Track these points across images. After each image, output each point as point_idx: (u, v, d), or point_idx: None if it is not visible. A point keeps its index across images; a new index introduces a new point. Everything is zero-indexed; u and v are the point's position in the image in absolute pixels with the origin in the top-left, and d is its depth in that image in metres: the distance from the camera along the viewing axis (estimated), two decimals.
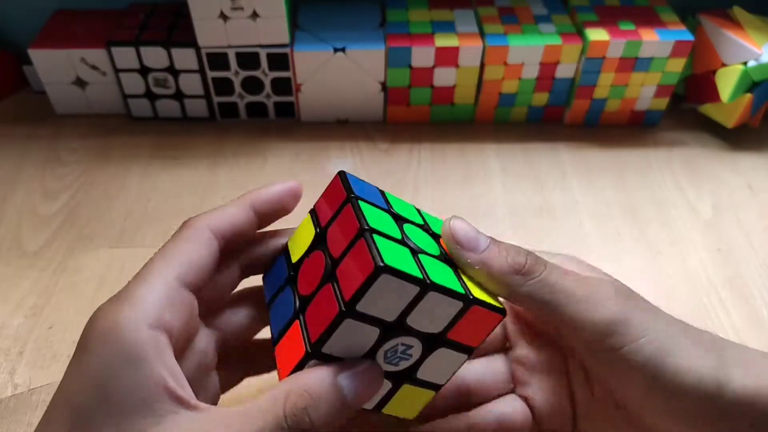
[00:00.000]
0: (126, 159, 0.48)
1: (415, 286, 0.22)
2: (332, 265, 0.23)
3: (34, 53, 0.48)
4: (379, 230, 0.23)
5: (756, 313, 0.38)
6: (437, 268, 0.23)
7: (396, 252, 0.22)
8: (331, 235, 0.24)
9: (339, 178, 0.25)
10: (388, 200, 0.26)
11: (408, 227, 0.25)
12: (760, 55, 0.46)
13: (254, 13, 0.44)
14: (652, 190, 0.46)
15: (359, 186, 0.25)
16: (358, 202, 0.24)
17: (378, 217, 0.24)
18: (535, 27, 0.48)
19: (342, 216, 0.24)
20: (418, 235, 0.25)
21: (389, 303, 0.22)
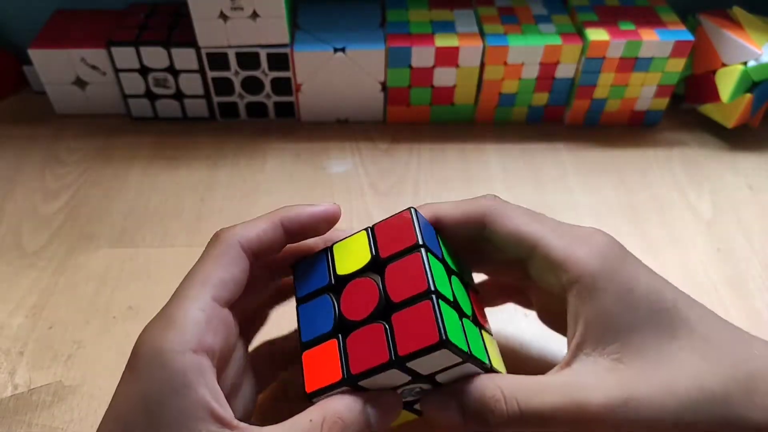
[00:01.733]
0: (126, 159, 0.48)
1: (459, 358, 0.24)
2: (387, 306, 0.24)
3: (34, 53, 0.48)
4: (441, 293, 0.24)
5: (756, 313, 0.38)
6: (472, 334, 0.25)
7: (452, 320, 0.24)
8: (391, 273, 0.25)
9: (410, 216, 0.26)
10: (440, 243, 0.27)
11: (454, 280, 0.27)
12: (760, 55, 0.46)
13: (254, 13, 0.44)
14: (652, 190, 0.46)
15: (424, 228, 0.26)
16: (428, 255, 0.25)
17: (438, 271, 0.25)
18: (535, 27, 0.48)
19: (407, 261, 0.25)
20: (459, 290, 0.27)
21: (433, 364, 0.24)
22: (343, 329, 0.25)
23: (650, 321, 0.24)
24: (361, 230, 0.27)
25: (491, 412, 0.24)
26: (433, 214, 0.28)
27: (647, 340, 0.24)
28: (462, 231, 0.28)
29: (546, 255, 0.26)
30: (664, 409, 0.23)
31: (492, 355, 0.26)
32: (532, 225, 0.27)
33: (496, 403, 0.24)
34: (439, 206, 0.28)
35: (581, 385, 0.24)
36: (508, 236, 0.27)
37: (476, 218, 0.27)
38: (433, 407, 0.26)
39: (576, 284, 0.25)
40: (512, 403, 0.24)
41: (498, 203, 0.28)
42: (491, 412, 0.24)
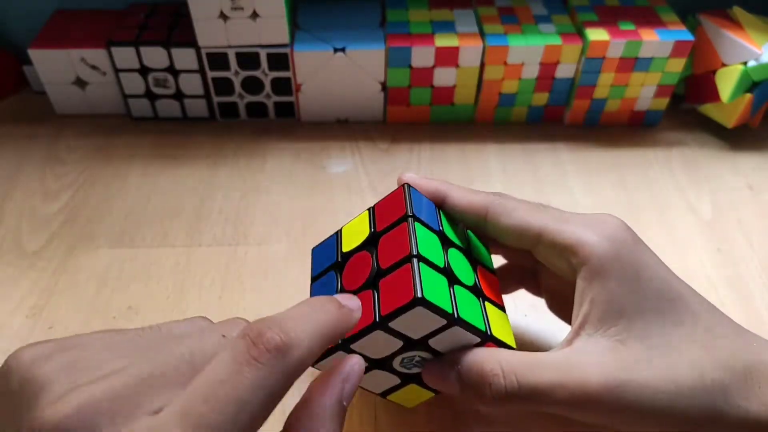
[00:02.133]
0: (126, 159, 0.48)
1: (443, 319, 0.24)
2: (377, 274, 0.26)
3: (34, 53, 0.48)
4: (426, 257, 0.25)
5: (756, 313, 0.38)
6: (467, 301, 0.26)
7: (435, 282, 0.25)
8: (383, 243, 0.26)
9: (402, 191, 0.27)
10: (441, 219, 0.28)
11: (452, 252, 0.27)
12: (760, 55, 0.46)
13: (254, 13, 0.44)
14: (652, 190, 0.46)
15: (419, 202, 0.27)
16: (414, 224, 0.26)
17: (428, 240, 0.26)
18: (535, 27, 0.48)
19: (397, 231, 0.26)
20: (458, 261, 0.27)
21: (418, 326, 0.25)
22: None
23: (655, 307, 0.24)
24: (366, 210, 0.29)
25: (489, 385, 0.24)
26: (443, 194, 0.29)
27: (650, 325, 0.24)
28: (466, 218, 0.29)
29: (552, 241, 0.26)
30: (662, 394, 0.23)
31: (496, 326, 0.27)
32: (534, 215, 0.27)
33: (494, 378, 0.24)
34: (449, 188, 0.29)
35: (581, 363, 0.24)
36: (510, 229, 0.27)
37: (479, 211, 0.28)
38: (432, 376, 0.26)
39: (584, 266, 0.25)
40: (511, 378, 0.24)
41: (500, 199, 0.28)
42: (489, 385, 0.24)
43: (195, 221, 0.43)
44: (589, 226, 0.26)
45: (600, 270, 0.25)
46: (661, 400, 0.23)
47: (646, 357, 0.24)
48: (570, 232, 0.26)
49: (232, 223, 0.43)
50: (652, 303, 0.24)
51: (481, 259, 0.30)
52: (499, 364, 0.24)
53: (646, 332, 0.24)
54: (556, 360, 0.24)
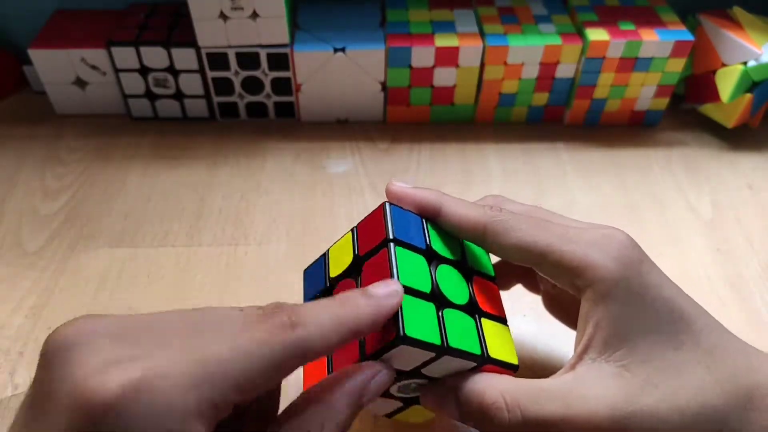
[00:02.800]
0: (126, 159, 0.48)
1: (431, 352, 0.23)
2: None
3: (34, 53, 0.48)
4: (409, 286, 0.24)
5: (756, 313, 0.38)
6: (459, 324, 0.25)
7: (421, 312, 0.24)
8: (366, 271, 0.25)
9: (381, 211, 0.26)
10: (428, 233, 0.27)
11: (441, 270, 0.26)
12: (760, 55, 0.46)
13: (254, 13, 0.44)
14: (652, 190, 0.46)
15: (401, 219, 0.26)
16: (395, 249, 0.25)
17: (412, 264, 0.25)
18: (535, 27, 0.48)
19: (378, 257, 0.25)
20: (449, 278, 0.26)
21: (407, 360, 0.24)
22: None
23: (658, 329, 0.24)
24: (349, 230, 0.28)
25: (491, 419, 0.24)
26: (437, 205, 0.27)
27: (654, 348, 0.24)
28: (462, 236, 0.28)
29: (557, 262, 0.25)
30: (666, 423, 0.23)
31: (494, 345, 0.26)
32: (537, 234, 0.26)
33: (497, 411, 0.24)
34: (445, 200, 0.27)
35: (586, 393, 0.23)
36: (511, 249, 0.26)
37: (477, 228, 0.27)
38: (430, 403, 0.26)
39: (590, 288, 0.24)
40: (515, 411, 0.23)
41: (500, 215, 0.26)
42: (491, 419, 0.24)
43: (195, 221, 0.43)
44: (595, 246, 0.25)
45: (605, 293, 0.24)
46: (665, 429, 0.23)
47: (651, 383, 0.23)
48: (575, 253, 0.25)
49: (232, 223, 0.43)
50: (656, 325, 0.24)
51: (478, 266, 0.28)
52: (502, 395, 0.24)
53: (650, 355, 0.24)
54: (562, 390, 0.24)
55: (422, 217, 0.27)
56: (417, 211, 0.27)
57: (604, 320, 0.24)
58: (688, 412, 0.23)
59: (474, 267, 0.28)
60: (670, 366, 0.24)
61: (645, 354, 0.24)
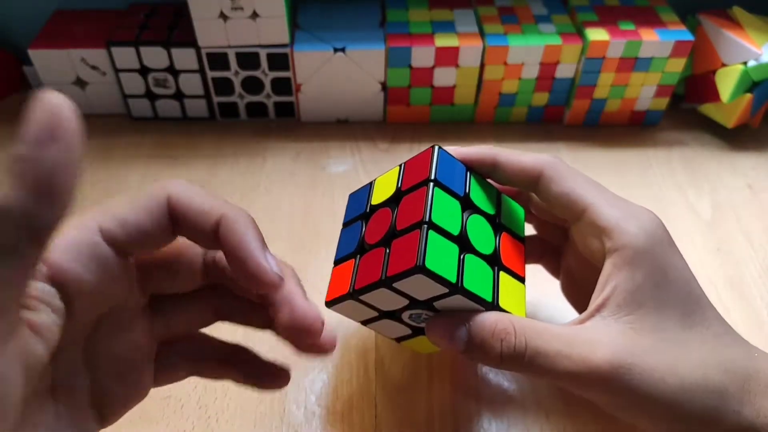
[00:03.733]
0: (126, 159, 0.48)
1: (445, 287, 0.25)
2: (392, 234, 0.26)
3: (34, 53, 0.48)
4: (439, 225, 0.25)
5: (756, 313, 0.38)
6: (478, 270, 0.26)
7: (443, 251, 0.25)
8: (404, 204, 0.27)
9: (431, 152, 0.28)
10: (469, 183, 0.28)
11: (473, 219, 0.27)
12: (760, 55, 0.46)
13: (254, 13, 0.44)
14: (652, 190, 0.46)
15: (446, 165, 0.28)
16: (434, 189, 0.26)
17: (446, 206, 0.26)
18: (535, 27, 0.48)
19: (417, 194, 0.27)
20: (479, 228, 0.28)
21: (421, 290, 0.25)
22: (362, 251, 0.28)
23: (673, 305, 0.25)
24: (397, 165, 0.30)
25: (500, 341, 0.24)
26: (492, 158, 0.29)
27: (666, 320, 0.24)
28: (516, 182, 0.29)
29: (594, 220, 0.26)
30: (664, 386, 0.23)
31: (506, 297, 0.27)
32: (587, 188, 0.27)
33: (506, 335, 0.24)
34: (499, 152, 0.29)
35: (590, 339, 0.24)
36: (560, 196, 0.27)
37: (532, 174, 0.28)
38: (438, 332, 0.26)
39: (617, 252, 0.25)
40: (521, 338, 0.24)
41: (557, 162, 0.28)
42: (500, 341, 0.24)
43: None
44: (632, 216, 0.26)
45: (631, 260, 0.25)
46: (664, 391, 0.23)
47: (656, 347, 0.24)
48: (613, 217, 0.26)
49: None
50: (673, 302, 0.25)
51: (511, 225, 0.30)
52: (512, 323, 0.25)
53: (661, 326, 0.24)
54: (568, 333, 0.25)
55: (469, 168, 0.29)
56: (473, 166, 0.29)
57: (624, 284, 0.25)
58: (687, 380, 0.23)
59: (506, 224, 0.29)
60: (678, 339, 0.24)
61: (656, 322, 0.24)
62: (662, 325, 0.24)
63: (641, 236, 0.25)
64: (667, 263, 0.26)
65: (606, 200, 0.27)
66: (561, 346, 0.24)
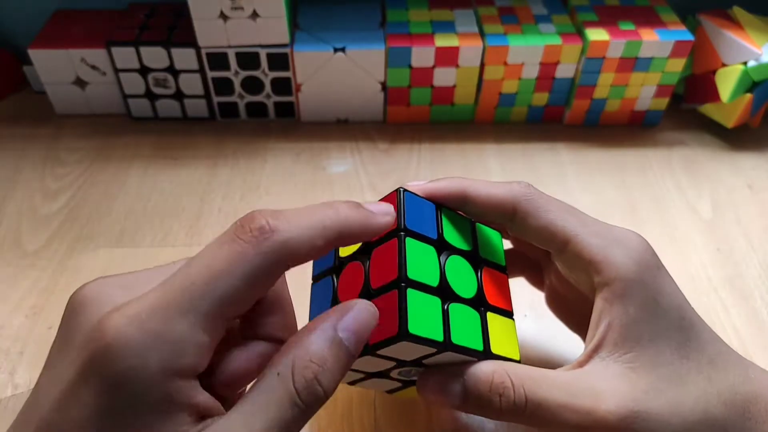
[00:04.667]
0: (126, 159, 0.48)
1: (432, 348, 0.23)
2: (367, 293, 0.25)
3: (34, 53, 0.48)
4: (417, 280, 0.24)
5: (756, 313, 0.38)
6: (464, 319, 0.25)
7: (425, 308, 0.24)
8: (375, 257, 0.25)
9: (396, 198, 0.26)
10: (441, 221, 0.27)
11: (452, 262, 0.26)
12: (760, 55, 0.46)
13: (254, 13, 0.44)
14: (652, 190, 0.46)
15: (414, 208, 0.26)
16: (405, 240, 0.24)
17: (421, 256, 0.25)
18: (535, 27, 0.48)
19: (388, 246, 0.25)
20: (458, 270, 0.26)
21: (408, 353, 0.24)
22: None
23: (668, 336, 0.24)
24: None
25: (498, 396, 0.24)
26: (461, 191, 0.27)
27: (662, 354, 0.24)
28: (489, 217, 0.27)
29: (579, 252, 0.25)
30: (670, 428, 0.23)
31: (497, 341, 0.26)
32: (567, 219, 0.26)
33: (504, 390, 0.23)
34: (469, 184, 0.27)
35: (593, 386, 0.24)
36: (539, 231, 0.26)
37: (506, 208, 0.26)
38: (430, 389, 0.25)
39: (606, 287, 0.25)
40: (520, 391, 0.23)
41: (531, 193, 0.27)
42: (498, 396, 0.24)
43: (195, 221, 0.43)
44: (617, 244, 0.25)
45: (622, 293, 0.24)
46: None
47: (656, 387, 0.23)
48: (599, 247, 0.25)
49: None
50: (666, 332, 0.24)
51: (491, 256, 0.28)
52: (508, 375, 0.24)
53: (657, 361, 0.24)
54: (568, 380, 0.24)
55: (438, 204, 0.27)
56: (442, 203, 0.27)
57: (618, 320, 0.24)
58: (690, 418, 0.23)
59: (485, 257, 0.28)
60: (676, 373, 0.24)
61: (653, 358, 0.24)
62: (659, 359, 0.24)
63: (630, 266, 0.24)
64: (659, 290, 0.25)
65: (588, 229, 0.26)
66: (563, 397, 0.23)
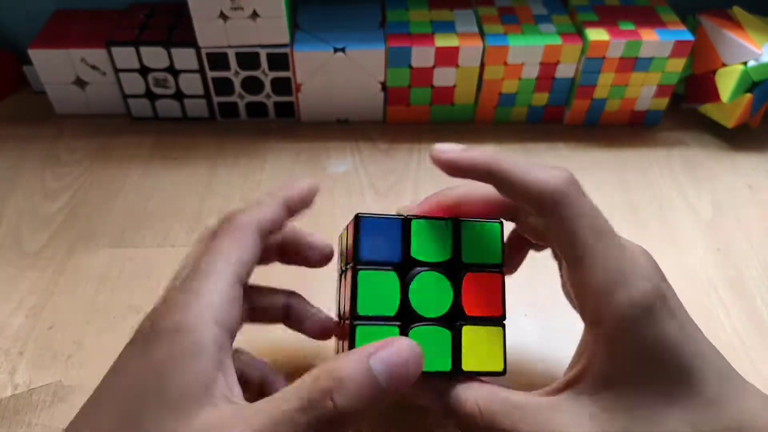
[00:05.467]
0: (126, 159, 0.48)
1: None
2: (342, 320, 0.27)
3: (34, 53, 0.48)
4: (369, 315, 0.24)
5: (756, 313, 0.38)
6: (429, 341, 0.24)
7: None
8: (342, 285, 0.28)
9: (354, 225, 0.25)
10: (409, 235, 0.26)
11: (420, 280, 0.25)
12: (760, 55, 0.46)
13: (254, 13, 0.44)
14: (652, 190, 0.46)
15: (373, 232, 0.25)
16: (357, 274, 0.24)
17: (377, 287, 0.24)
18: (535, 27, 0.48)
19: (348, 279, 0.26)
20: (429, 288, 0.25)
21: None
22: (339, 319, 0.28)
23: (655, 382, 0.23)
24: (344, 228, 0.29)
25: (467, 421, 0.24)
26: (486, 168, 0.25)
27: (643, 399, 0.23)
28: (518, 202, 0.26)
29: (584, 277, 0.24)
30: None
31: (474, 355, 0.25)
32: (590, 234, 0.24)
33: (472, 417, 0.24)
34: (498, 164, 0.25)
35: (559, 423, 0.23)
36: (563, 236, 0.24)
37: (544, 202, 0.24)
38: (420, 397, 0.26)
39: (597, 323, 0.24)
40: (488, 418, 0.24)
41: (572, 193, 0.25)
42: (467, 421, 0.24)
43: (195, 221, 0.43)
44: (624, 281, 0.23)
45: (612, 335, 0.23)
46: None
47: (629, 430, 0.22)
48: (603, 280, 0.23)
49: None
50: (654, 377, 0.23)
51: (479, 257, 0.26)
52: (477, 404, 0.24)
53: (636, 406, 0.23)
54: (536, 413, 0.23)
55: (408, 218, 0.26)
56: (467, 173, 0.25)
57: (601, 360, 0.23)
58: None
59: (471, 261, 0.26)
60: (654, 420, 0.22)
61: (631, 403, 0.23)
62: (638, 404, 0.23)
63: (630, 311, 0.23)
64: (657, 334, 0.23)
65: (603, 256, 0.24)
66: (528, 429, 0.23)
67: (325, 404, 0.19)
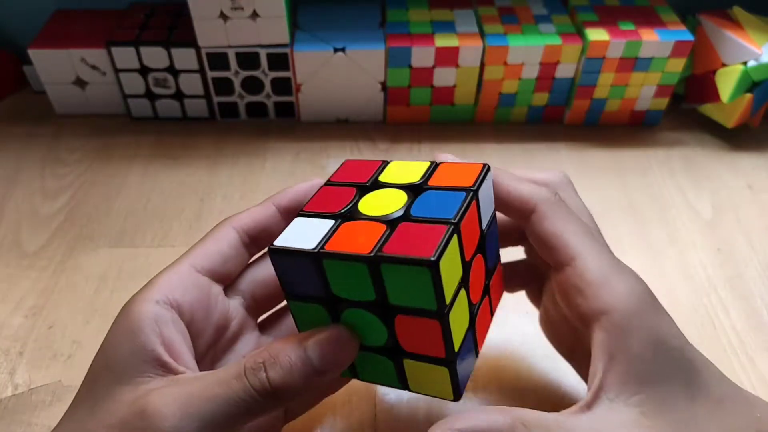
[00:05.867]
0: (126, 159, 0.48)
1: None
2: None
3: (34, 53, 0.48)
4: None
5: (756, 313, 0.38)
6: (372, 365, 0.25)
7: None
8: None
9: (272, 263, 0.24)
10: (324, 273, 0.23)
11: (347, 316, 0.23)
12: (760, 55, 0.46)
13: (254, 13, 0.44)
14: (652, 190, 0.46)
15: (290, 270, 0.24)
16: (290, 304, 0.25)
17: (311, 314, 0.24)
18: (535, 27, 0.48)
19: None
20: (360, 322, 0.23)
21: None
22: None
23: (675, 377, 0.23)
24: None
25: None
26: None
27: (670, 396, 0.23)
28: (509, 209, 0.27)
29: (582, 272, 0.24)
30: None
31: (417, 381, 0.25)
32: (579, 235, 0.25)
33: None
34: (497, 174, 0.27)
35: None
36: (549, 237, 0.25)
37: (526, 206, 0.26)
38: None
39: (605, 316, 0.23)
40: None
41: (552, 202, 0.26)
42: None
43: (195, 221, 0.43)
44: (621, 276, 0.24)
45: (623, 325, 0.23)
46: None
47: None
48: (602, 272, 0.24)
49: None
50: (673, 372, 0.23)
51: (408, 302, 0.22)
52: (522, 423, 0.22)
53: (667, 405, 0.23)
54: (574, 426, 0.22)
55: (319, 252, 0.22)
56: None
57: (622, 354, 0.23)
58: None
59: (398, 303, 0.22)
60: (685, 418, 0.23)
61: (661, 402, 0.23)
62: (668, 403, 0.23)
63: (631, 297, 0.23)
64: (660, 327, 0.23)
65: (597, 252, 0.25)
66: None
67: (258, 375, 0.22)
